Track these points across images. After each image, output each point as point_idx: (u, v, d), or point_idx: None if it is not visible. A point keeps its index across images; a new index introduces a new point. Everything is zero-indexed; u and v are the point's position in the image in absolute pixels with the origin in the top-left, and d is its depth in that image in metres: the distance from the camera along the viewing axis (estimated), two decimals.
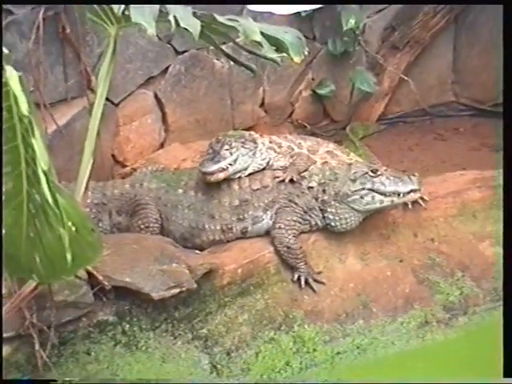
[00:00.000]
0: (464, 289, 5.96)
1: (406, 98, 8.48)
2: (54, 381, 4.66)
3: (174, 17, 3.94)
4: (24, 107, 3.20)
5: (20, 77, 3.25)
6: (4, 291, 4.59)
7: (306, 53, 4.38)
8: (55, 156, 4.72)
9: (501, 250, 6.05)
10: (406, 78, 8.29)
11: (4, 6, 5.75)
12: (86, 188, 4.45)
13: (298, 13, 7.24)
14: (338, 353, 5.56)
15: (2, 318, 3.92)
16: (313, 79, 8.15)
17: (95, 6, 4.16)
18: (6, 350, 4.76)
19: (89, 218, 5.50)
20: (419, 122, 8.53)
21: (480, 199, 6.28)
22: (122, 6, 3.97)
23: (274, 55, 4.18)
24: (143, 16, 3.90)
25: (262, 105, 7.93)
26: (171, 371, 5.18)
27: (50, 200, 3.38)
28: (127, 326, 5.18)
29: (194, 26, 3.93)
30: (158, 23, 4.02)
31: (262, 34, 4.10)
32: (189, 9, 4.09)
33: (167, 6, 4.06)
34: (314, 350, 5.52)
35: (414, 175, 5.73)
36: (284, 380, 4.75)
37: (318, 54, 8.12)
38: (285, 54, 4.21)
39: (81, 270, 4.69)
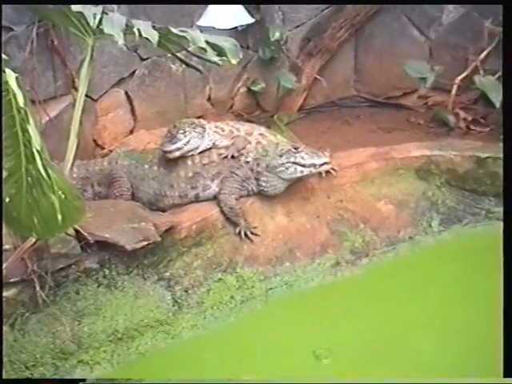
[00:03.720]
0: (365, 237, 5.99)
1: (320, 92, 8.45)
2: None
3: (138, 29, 3.91)
4: (20, 100, 3.19)
5: (17, 77, 3.22)
6: (10, 246, 4.54)
7: (241, 56, 4.37)
8: (48, 141, 4.62)
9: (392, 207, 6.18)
10: (319, 77, 8.27)
11: (4, 24, 5.66)
12: (73, 164, 4.42)
13: (235, 27, 7.19)
14: (271, 288, 5.58)
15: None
16: (248, 79, 8.09)
17: (75, 20, 4.10)
18: (12, 291, 4.71)
19: (75, 187, 5.46)
20: (330, 112, 8.49)
21: (377, 169, 6.26)
22: (97, 21, 3.92)
23: (216, 58, 4.17)
24: (113, 28, 3.87)
25: (208, 99, 7.86)
26: (142, 305, 5.16)
27: (44, 174, 3.38)
28: (107, 271, 5.12)
29: (153, 35, 3.92)
30: (125, 35, 3.98)
31: (206, 42, 4.09)
32: (148, 23, 4.07)
33: (132, 20, 4.03)
34: (252, 286, 5.52)
35: (326, 151, 5.72)
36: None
37: (252, 59, 8.06)
38: (224, 58, 4.20)
39: (70, 229, 4.62)
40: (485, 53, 7.56)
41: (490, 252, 5.81)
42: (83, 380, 4.15)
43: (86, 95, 5.78)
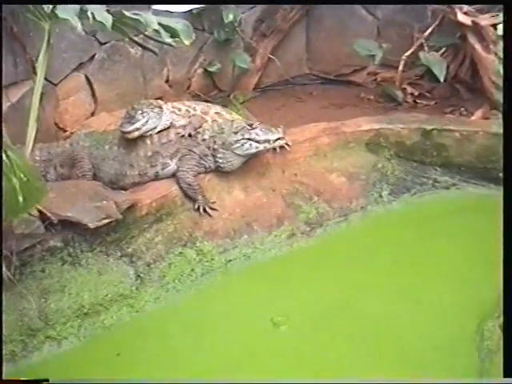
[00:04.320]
0: (319, 208, 5.99)
1: (274, 71, 8.46)
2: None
3: (92, 13, 3.86)
4: None
5: None
6: None
7: (194, 37, 4.34)
8: (11, 126, 4.60)
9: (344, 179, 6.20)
10: (272, 57, 8.30)
11: None
12: (33, 147, 4.36)
13: (190, 10, 7.14)
14: (230, 260, 5.57)
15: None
16: (204, 60, 8.05)
17: (31, 6, 4.04)
18: None
19: (35, 169, 5.38)
20: (284, 89, 8.52)
21: (328, 143, 6.27)
22: (51, 6, 3.87)
23: (170, 40, 4.14)
24: (67, 12, 3.81)
25: (167, 81, 7.81)
26: (106, 280, 5.12)
27: (4, 157, 3.33)
28: (71, 249, 5.06)
29: (106, 19, 3.87)
30: (81, 19, 3.93)
31: (159, 24, 4.06)
32: (103, 6, 4.02)
33: (86, 5, 3.98)
34: (212, 259, 5.51)
35: (279, 127, 5.73)
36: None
37: (207, 41, 8.02)
38: (178, 39, 4.17)
39: (32, 209, 4.56)
40: (429, 30, 7.62)
41: (437, 219, 5.95)
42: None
43: (47, 80, 5.70)
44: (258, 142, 5.61)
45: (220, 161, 5.70)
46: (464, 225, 5.84)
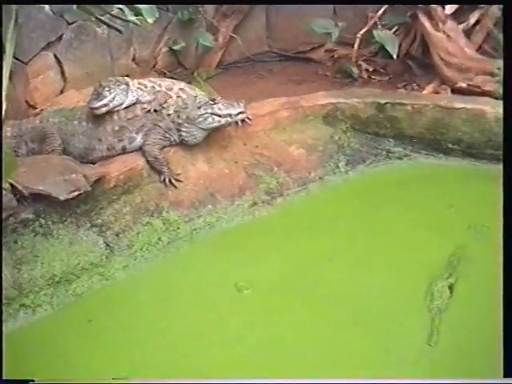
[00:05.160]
0: (279, 179, 5.98)
1: (235, 49, 8.43)
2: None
3: None
4: None
5: None
6: None
7: (157, 16, 4.29)
8: None
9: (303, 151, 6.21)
10: (234, 35, 8.27)
11: None
12: (5, 123, 4.29)
13: None
14: (195, 229, 5.55)
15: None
16: (169, 39, 8.00)
17: None
18: None
19: (7, 144, 5.32)
20: (245, 67, 8.49)
21: (287, 117, 6.27)
22: None
23: (133, 18, 4.10)
24: None
25: (133, 59, 7.76)
26: (77, 250, 5.09)
27: None
28: (43, 221, 5.01)
29: None
30: None
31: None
32: None
33: None
34: (178, 228, 5.49)
35: (241, 102, 5.71)
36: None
37: (172, 21, 7.96)
38: (141, 17, 4.13)
39: (5, 183, 4.51)
40: (382, 9, 7.61)
41: (390, 188, 6.00)
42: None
43: (17, 58, 5.58)
44: (220, 116, 5.60)
45: (184, 134, 5.67)
46: (416, 193, 5.89)
